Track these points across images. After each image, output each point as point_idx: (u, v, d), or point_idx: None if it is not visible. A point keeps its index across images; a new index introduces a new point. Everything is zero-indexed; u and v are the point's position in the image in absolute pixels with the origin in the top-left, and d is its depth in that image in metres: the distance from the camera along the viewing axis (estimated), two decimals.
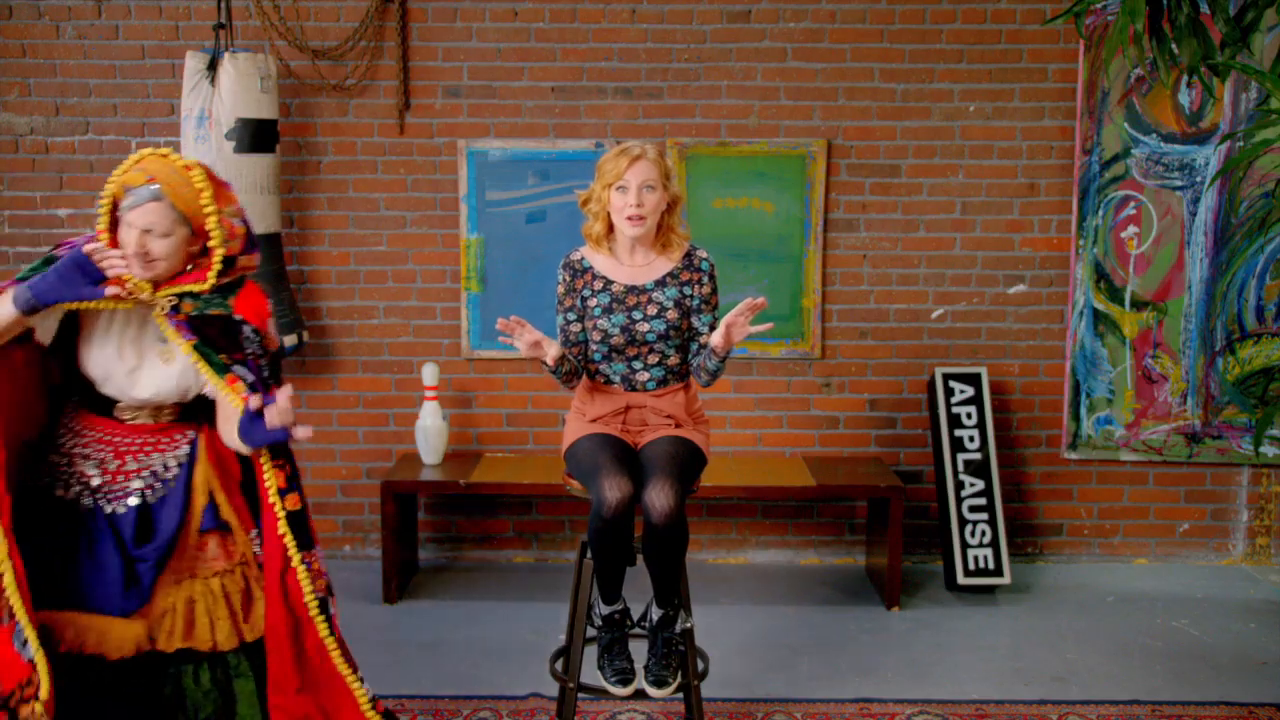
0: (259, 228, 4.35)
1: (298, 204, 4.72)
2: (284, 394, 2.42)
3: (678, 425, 3.06)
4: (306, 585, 2.53)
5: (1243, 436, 4.72)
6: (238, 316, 2.51)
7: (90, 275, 2.39)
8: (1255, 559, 4.88)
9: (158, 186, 2.39)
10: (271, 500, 2.53)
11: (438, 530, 4.90)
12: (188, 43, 4.59)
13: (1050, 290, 4.75)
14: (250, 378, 2.48)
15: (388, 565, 4.36)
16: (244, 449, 2.52)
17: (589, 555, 2.99)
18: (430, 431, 4.54)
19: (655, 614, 3.03)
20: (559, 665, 3.23)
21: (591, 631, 3.11)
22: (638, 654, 3.08)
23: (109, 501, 2.52)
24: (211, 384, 2.49)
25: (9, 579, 2.33)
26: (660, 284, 3.00)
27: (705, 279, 3.02)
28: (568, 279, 3.04)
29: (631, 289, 3.00)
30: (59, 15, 4.64)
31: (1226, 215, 4.63)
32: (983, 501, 4.52)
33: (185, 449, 2.58)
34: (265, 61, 4.35)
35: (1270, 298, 4.66)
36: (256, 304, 2.55)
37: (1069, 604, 4.41)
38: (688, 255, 3.04)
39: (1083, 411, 4.75)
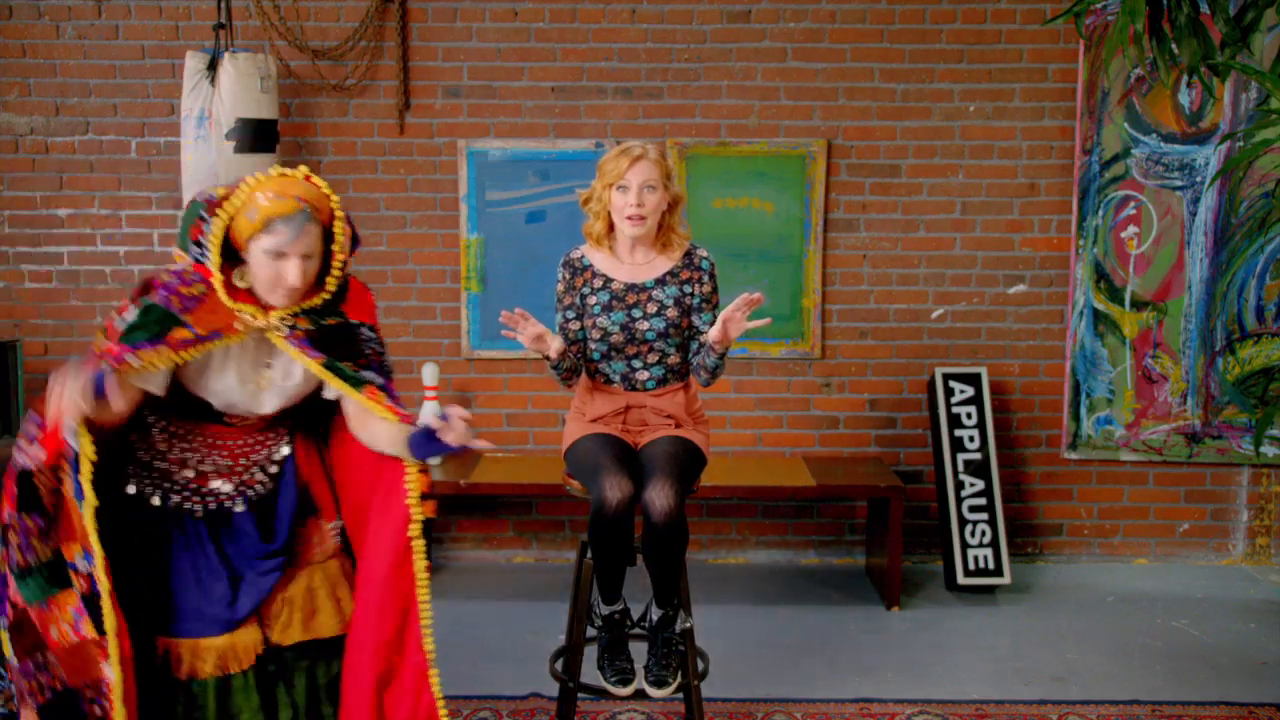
0: None
1: None
2: (459, 412, 2.36)
3: (678, 425, 3.06)
4: (425, 596, 2.42)
5: (1243, 436, 4.72)
6: (354, 321, 2.44)
7: (98, 387, 2.20)
8: (1255, 559, 4.88)
9: (307, 209, 2.28)
10: (409, 503, 2.42)
11: (437, 530, 4.89)
12: (188, 43, 4.59)
13: (1050, 290, 4.75)
14: (379, 380, 2.42)
15: None
16: (407, 457, 2.43)
17: (589, 555, 2.99)
18: None
19: (655, 614, 3.03)
20: (559, 665, 3.23)
21: (591, 631, 3.11)
22: (638, 654, 3.08)
23: (221, 503, 2.45)
24: (346, 395, 2.41)
25: (107, 607, 2.25)
26: (660, 282, 3.00)
27: (705, 277, 3.02)
28: (567, 276, 3.05)
29: (631, 287, 3.00)
30: (59, 15, 4.64)
31: (1226, 215, 4.63)
32: (983, 501, 4.52)
33: (286, 440, 2.54)
34: (265, 61, 4.35)
35: (1270, 298, 4.66)
36: (365, 301, 2.49)
37: (1069, 604, 4.41)
38: (688, 254, 3.04)
39: (1083, 411, 4.75)
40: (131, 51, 4.67)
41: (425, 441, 2.39)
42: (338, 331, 2.41)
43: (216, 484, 2.46)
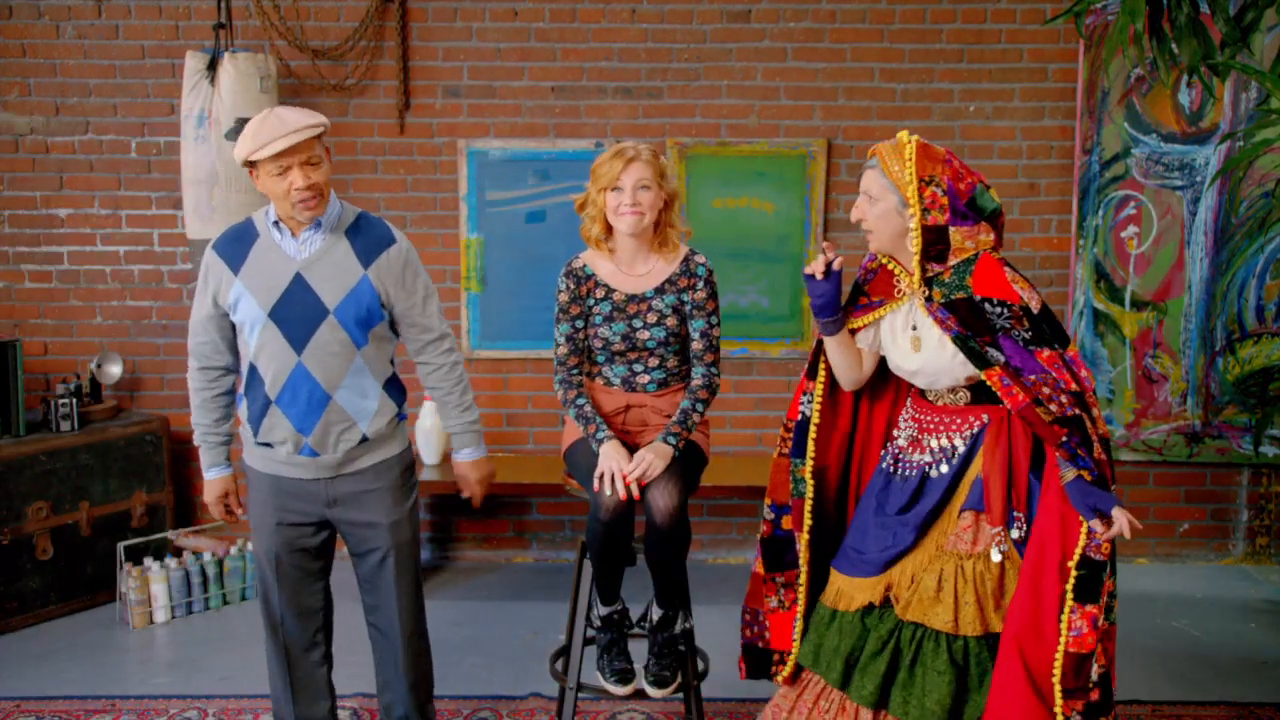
0: None
1: None
2: (1122, 517, 2.39)
3: None
4: (1065, 631, 2.43)
5: (1243, 436, 4.72)
6: (978, 296, 2.47)
7: (809, 281, 2.64)
8: (1255, 559, 4.88)
9: (875, 158, 2.54)
10: (1079, 538, 2.44)
11: (438, 530, 4.90)
12: (188, 43, 4.59)
13: (1050, 290, 4.75)
14: (1003, 357, 2.45)
15: None
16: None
17: (589, 555, 2.99)
18: (430, 432, 4.54)
19: (655, 614, 3.03)
20: (559, 665, 3.23)
21: (591, 631, 3.11)
22: (638, 654, 3.08)
23: (900, 470, 2.65)
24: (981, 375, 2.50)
25: (804, 575, 2.73)
26: (659, 291, 3.00)
27: (701, 284, 3.01)
28: (571, 286, 3.02)
29: (632, 298, 2.99)
30: (59, 15, 4.64)
31: (1226, 215, 4.63)
32: None
33: (974, 430, 2.58)
34: (265, 61, 4.35)
35: (1270, 298, 4.66)
36: (992, 276, 2.49)
37: None
38: (686, 260, 3.03)
39: None
40: (131, 51, 4.67)
41: (1078, 490, 2.43)
42: (964, 305, 2.52)
43: (908, 449, 2.67)
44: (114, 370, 4.59)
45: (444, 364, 2.94)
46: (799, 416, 2.74)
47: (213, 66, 4.24)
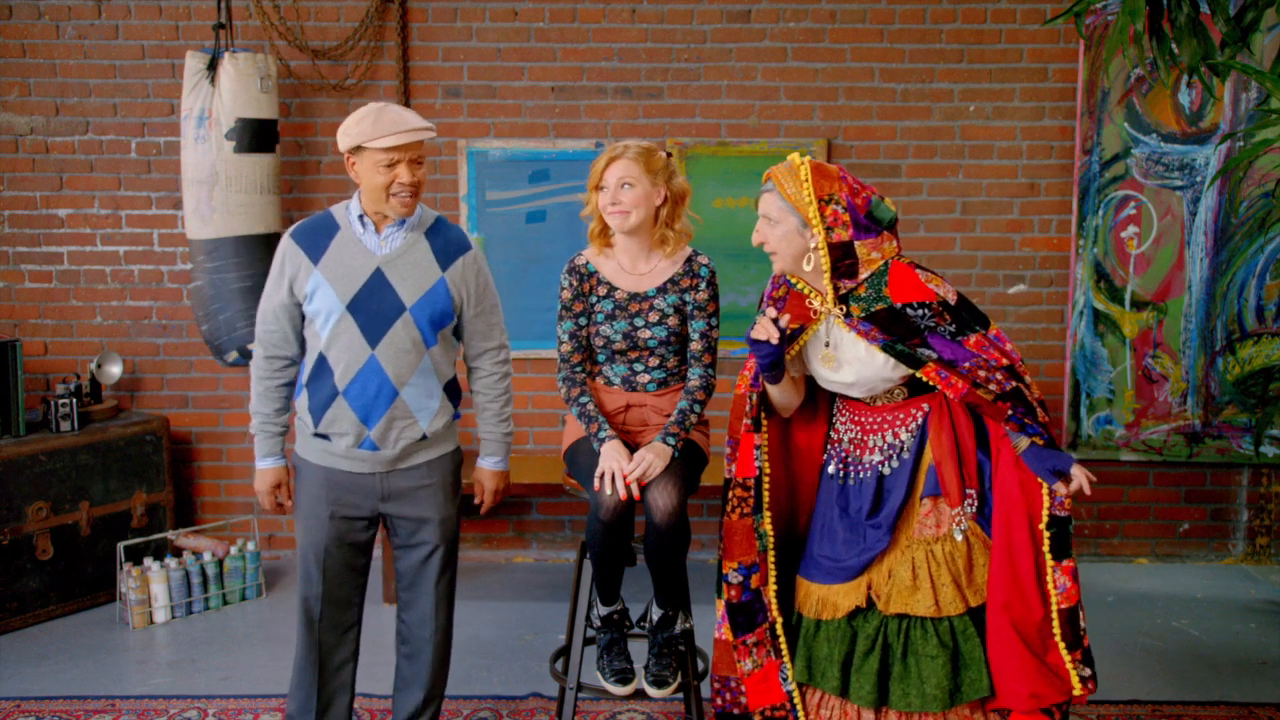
0: (257, 228, 4.35)
1: (298, 204, 4.72)
2: (1080, 474, 2.50)
3: None
4: (1053, 590, 2.52)
5: (1243, 436, 4.72)
6: (898, 304, 2.52)
7: (755, 345, 2.58)
8: (1255, 559, 4.88)
9: (771, 182, 2.57)
10: (1043, 500, 2.53)
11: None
12: (188, 43, 4.59)
13: (1050, 290, 4.75)
14: (934, 354, 2.50)
15: (388, 565, 4.36)
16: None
17: (589, 555, 2.99)
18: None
19: (655, 614, 3.03)
20: (559, 665, 3.23)
21: (591, 631, 3.11)
22: (638, 654, 3.08)
23: (852, 474, 2.67)
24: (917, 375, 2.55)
25: (779, 627, 2.69)
26: (661, 290, 2.99)
27: (703, 285, 3.01)
28: (574, 283, 3.02)
29: (634, 296, 2.99)
30: (59, 15, 4.64)
31: (1226, 215, 4.63)
32: None
33: (918, 422, 2.62)
34: (265, 61, 4.35)
35: (1270, 298, 4.66)
36: (906, 280, 2.54)
37: None
38: (689, 260, 3.02)
39: (1083, 411, 4.75)
40: (131, 51, 4.67)
41: (1034, 455, 2.52)
42: (884, 314, 2.55)
43: (856, 453, 2.69)
44: (114, 370, 4.59)
45: (497, 373, 3.00)
46: (754, 473, 2.71)
47: (213, 66, 4.24)
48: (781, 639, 2.69)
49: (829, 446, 2.76)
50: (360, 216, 2.79)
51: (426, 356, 2.82)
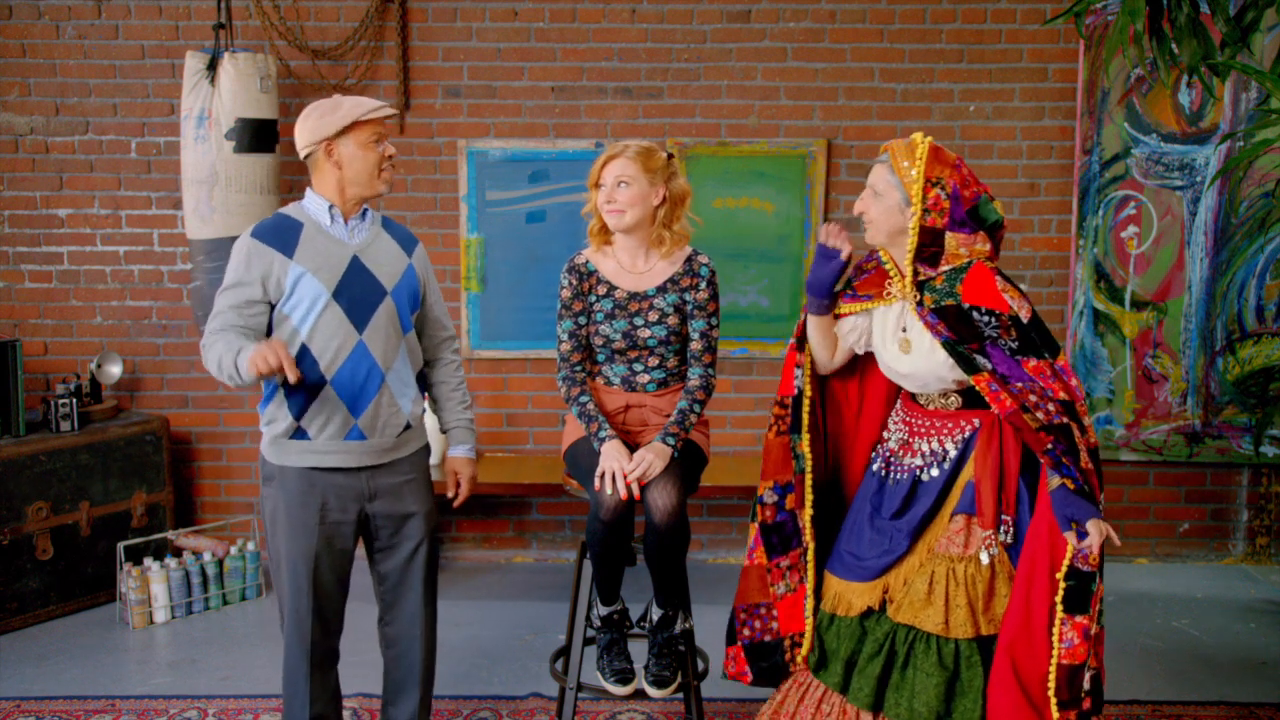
0: None
1: None
2: (1097, 531, 2.38)
3: None
4: (1058, 642, 2.43)
5: (1243, 436, 4.72)
6: (966, 304, 2.48)
7: (825, 253, 2.62)
8: (1255, 559, 4.88)
9: (886, 154, 2.57)
10: (1068, 548, 2.43)
11: (437, 530, 4.89)
12: (188, 43, 4.59)
13: (1050, 290, 4.75)
14: (990, 365, 2.46)
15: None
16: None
17: (589, 555, 2.99)
18: (430, 432, 4.54)
19: (655, 614, 3.03)
20: (559, 665, 3.23)
21: (591, 631, 3.11)
22: (638, 654, 3.08)
23: (892, 474, 2.66)
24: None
25: (811, 552, 2.73)
26: (661, 290, 2.99)
27: (703, 284, 3.01)
28: (574, 282, 3.02)
29: (634, 295, 2.99)
30: (59, 15, 4.64)
31: (1226, 215, 4.63)
32: None
33: (965, 435, 2.60)
34: (265, 61, 4.35)
35: (1270, 298, 4.66)
36: (982, 284, 2.50)
37: None
38: (689, 260, 3.02)
39: None
40: (131, 51, 4.67)
41: (1061, 498, 2.43)
42: (953, 312, 2.52)
43: (902, 453, 2.68)
44: (114, 370, 4.59)
45: (454, 361, 3.06)
46: (794, 391, 2.75)
47: (213, 66, 4.24)
48: (810, 565, 2.73)
49: (876, 446, 2.77)
50: (330, 208, 2.79)
51: (404, 342, 2.85)
